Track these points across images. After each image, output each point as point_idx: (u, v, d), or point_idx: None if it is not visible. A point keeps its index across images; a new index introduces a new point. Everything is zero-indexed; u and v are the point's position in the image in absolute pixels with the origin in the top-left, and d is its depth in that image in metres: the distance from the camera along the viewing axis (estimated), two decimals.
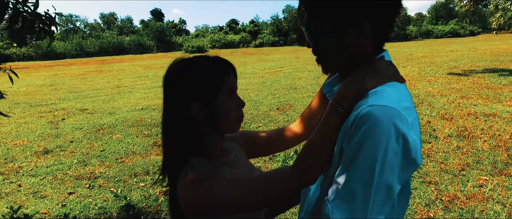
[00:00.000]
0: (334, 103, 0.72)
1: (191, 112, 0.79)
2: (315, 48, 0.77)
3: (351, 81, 0.71)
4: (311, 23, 0.75)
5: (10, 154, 4.88)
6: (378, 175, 0.63)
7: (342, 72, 0.82)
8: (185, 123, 0.80)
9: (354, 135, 0.65)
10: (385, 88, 0.68)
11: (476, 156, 3.76)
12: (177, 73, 0.82)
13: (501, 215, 2.52)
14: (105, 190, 3.53)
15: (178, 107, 0.80)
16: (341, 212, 0.66)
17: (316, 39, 0.77)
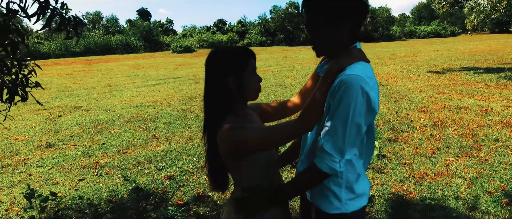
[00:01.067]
0: (324, 76, 1.09)
1: (228, 83, 1.15)
2: (313, 39, 1.15)
3: (335, 61, 1.09)
4: (311, 21, 1.12)
5: (14, 148, 5.09)
6: (351, 117, 1.01)
7: (330, 55, 1.19)
8: (224, 91, 1.15)
9: (336, 93, 1.02)
10: (356, 65, 1.06)
11: (446, 142, 4.24)
12: (218, 57, 1.18)
13: (461, 187, 2.97)
14: (112, 176, 3.83)
15: (219, 79, 1.15)
16: (329, 143, 1.03)
17: (313, 33, 1.13)
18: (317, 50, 1.16)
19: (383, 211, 2.68)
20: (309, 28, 1.14)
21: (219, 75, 1.15)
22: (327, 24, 1.08)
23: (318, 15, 1.09)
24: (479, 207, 2.62)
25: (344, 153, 1.04)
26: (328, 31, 1.09)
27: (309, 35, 1.15)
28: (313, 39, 1.14)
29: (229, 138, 1.10)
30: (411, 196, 2.88)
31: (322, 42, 1.13)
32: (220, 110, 1.17)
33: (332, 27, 1.08)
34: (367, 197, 1.21)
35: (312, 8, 1.10)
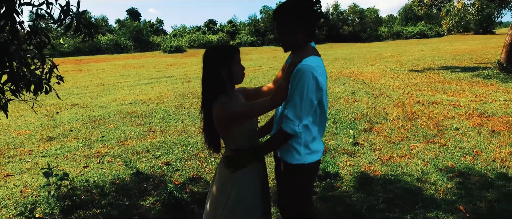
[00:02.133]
0: (288, 66, 1.53)
1: (220, 72, 1.58)
2: (281, 40, 1.59)
3: (295, 56, 1.54)
4: (279, 28, 1.57)
5: (17, 141, 5.41)
6: (306, 94, 1.45)
7: (293, 51, 1.64)
8: (217, 78, 1.59)
9: (295, 77, 1.47)
10: (309, 58, 1.51)
11: (414, 131, 4.75)
12: (212, 52, 1.61)
13: (418, 166, 3.47)
14: (114, 164, 4.22)
15: (213, 69, 1.58)
16: (291, 112, 1.48)
17: (281, 36, 1.58)
18: (284, 47, 1.61)
19: (351, 185, 3.15)
20: (278, 33, 1.59)
21: (213, 66, 1.58)
22: (289, 30, 1.53)
23: (283, 24, 1.54)
24: (429, 180, 3.12)
25: (301, 119, 1.48)
26: (290, 35, 1.55)
27: (278, 37, 1.60)
28: (281, 40, 1.59)
29: (221, 111, 1.54)
30: (376, 173, 3.37)
31: (287, 42, 1.58)
32: (214, 91, 1.60)
33: (292, 32, 1.53)
34: (321, 154, 1.66)
35: (279, 19, 1.55)
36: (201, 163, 4.05)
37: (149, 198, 3.18)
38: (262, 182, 1.76)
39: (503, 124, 4.80)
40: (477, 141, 4.18)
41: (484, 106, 6.10)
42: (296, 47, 1.58)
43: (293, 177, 1.64)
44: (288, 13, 1.53)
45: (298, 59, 1.51)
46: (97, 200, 3.19)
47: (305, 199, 1.70)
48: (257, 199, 1.71)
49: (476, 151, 3.85)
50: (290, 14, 1.53)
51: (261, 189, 1.73)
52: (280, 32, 1.57)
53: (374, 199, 2.84)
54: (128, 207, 3.04)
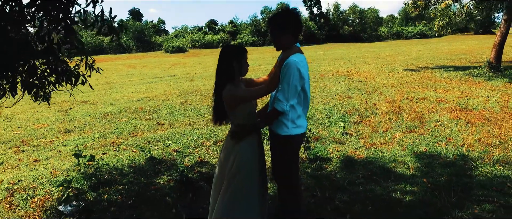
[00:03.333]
0: (279, 62, 2.04)
1: (232, 64, 2.08)
2: (273, 41, 2.09)
3: (284, 54, 2.04)
4: (271, 32, 2.07)
5: (38, 133, 5.93)
6: (291, 81, 1.95)
7: (283, 50, 2.14)
8: (229, 69, 2.09)
9: (283, 69, 1.97)
10: (295, 55, 2.01)
11: (398, 123, 5.25)
12: (229, 49, 2.11)
13: (397, 150, 3.98)
14: (129, 151, 4.73)
15: (228, 62, 2.08)
16: (281, 94, 1.98)
17: (273, 38, 2.08)
18: (276, 47, 2.12)
19: (337, 166, 3.66)
20: (271, 36, 2.09)
21: (228, 60, 2.08)
22: (279, 34, 2.04)
23: (275, 29, 2.04)
24: (403, 161, 3.63)
25: (288, 100, 1.98)
26: (280, 38, 2.05)
27: (271, 40, 2.10)
28: (273, 41, 2.10)
29: (229, 95, 2.05)
30: (360, 157, 3.87)
31: (277, 43, 2.09)
32: (225, 80, 2.10)
33: (282, 36, 2.04)
34: (304, 129, 2.16)
35: (272, 26, 2.06)
36: (207, 150, 4.56)
37: (163, 177, 3.69)
38: (259, 152, 2.26)
39: (479, 117, 5.29)
40: (452, 131, 4.68)
41: (467, 101, 6.59)
42: (285, 47, 2.08)
43: (283, 146, 2.14)
44: (278, 21, 2.03)
45: (286, 55, 2.02)
46: (118, 179, 3.70)
47: (292, 166, 2.21)
48: (255, 166, 2.21)
49: (449, 138, 4.35)
50: (279, 22, 2.04)
51: (258, 158, 2.24)
52: (272, 36, 2.08)
53: (355, 176, 3.35)
54: (145, 184, 3.55)
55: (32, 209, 3.07)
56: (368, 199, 2.85)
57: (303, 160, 3.89)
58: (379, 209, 2.69)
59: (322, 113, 6.21)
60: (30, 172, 4.07)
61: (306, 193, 3.06)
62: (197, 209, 2.93)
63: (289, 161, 2.19)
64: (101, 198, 3.22)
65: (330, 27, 50.07)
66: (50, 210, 3.02)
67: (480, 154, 3.74)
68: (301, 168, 3.67)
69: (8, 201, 3.23)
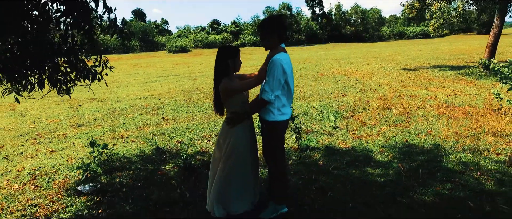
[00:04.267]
0: (266, 60, 2.44)
1: (228, 62, 2.48)
2: (262, 42, 2.50)
3: (271, 52, 2.44)
4: (261, 35, 2.47)
5: (51, 127, 6.37)
6: (276, 75, 2.35)
7: (270, 49, 2.55)
8: (225, 66, 2.49)
9: (269, 66, 2.37)
10: (279, 54, 2.41)
11: (386, 118, 5.64)
12: (224, 49, 2.51)
13: (381, 141, 4.36)
14: (137, 143, 5.14)
15: (224, 60, 2.48)
16: (267, 86, 2.38)
17: (262, 40, 2.48)
18: (264, 47, 2.52)
19: (325, 154, 4.06)
20: (260, 38, 2.50)
21: (224, 58, 2.49)
22: (267, 36, 2.44)
23: (263, 32, 2.45)
24: (384, 151, 4.02)
25: (273, 91, 2.38)
26: (268, 39, 2.45)
27: (261, 41, 2.51)
28: (262, 43, 2.50)
29: (225, 87, 2.45)
30: (346, 147, 4.27)
31: (266, 44, 2.49)
32: (221, 75, 2.51)
33: (269, 38, 2.44)
34: (288, 116, 2.56)
35: (261, 30, 2.47)
36: (208, 142, 4.97)
37: (169, 164, 4.11)
38: (250, 136, 2.66)
39: (461, 113, 5.66)
40: (434, 124, 5.06)
41: (455, 99, 6.96)
42: (271, 47, 2.48)
43: (270, 130, 2.54)
44: (265, 26, 2.44)
45: (272, 54, 2.42)
46: (128, 166, 4.12)
47: (278, 145, 2.61)
48: (247, 147, 2.62)
49: (429, 131, 4.73)
50: (266, 27, 2.44)
51: (250, 140, 2.64)
52: (261, 38, 2.49)
53: (340, 162, 3.74)
54: (153, 170, 3.96)
55: (54, 189, 3.50)
56: (348, 181, 3.24)
57: (295, 149, 4.29)
58: (356, 188, 3.09)
59: (317, 109, 6.60)
60: (48, 160, 4.50)
61: (295, 177, 3.46)
62: (198, 190, 3.34)
63: (276, 141, 2.59)
64: (114, 181, 3.64)
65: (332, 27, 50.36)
66: (70, 190, 3.44)
67: (453, 144, 4.12)
68: (292, 156, 4.07)
69: (33, 183, 3.66)
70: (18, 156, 4.74)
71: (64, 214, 2.95)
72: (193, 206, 2.98)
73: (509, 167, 3.30)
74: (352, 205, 2.79)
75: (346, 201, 2.86)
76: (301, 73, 13.33)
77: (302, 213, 2.75)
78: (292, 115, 4.30)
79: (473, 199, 2.76)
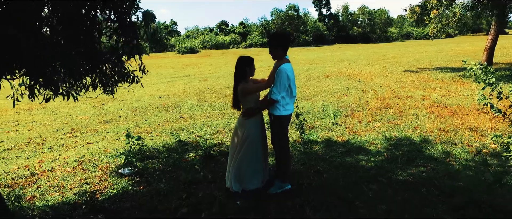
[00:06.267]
0: (273, 68, 3.15)
1: (245, 69, 3.20)
2: (271, 54, 3.20)
3: (277, 63, 3.15)
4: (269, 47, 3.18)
5: (82, 123, 7.17)
6: (281, 81, 3.05)
7: (276, 60, 3.25)
8: (244, 72, 3.20)
9: (277, 73, 3.08)
10: (284, 64, 3.11)
11: (382, 116, 6.29)
12: (243, 59, 3.23)
13: (373, 135, 5.04)
14: (161, 137, 5.90)
15: (242, 67, 3.20)
16: (275, 89, 3.09)
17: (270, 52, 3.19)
18: (272, 58, 3.23)
19: (323, 146, 4.75)
20: (269, 50, 3.21)
21: (243, 65, 3.20)
22: (274, 48, 3.15)
23: (271, 46, 3.16)
24: (374, 142, 4.70)
25: (280, 93, 3.09)
26: (274, 51, 3.16)
27: (269, 53, 3.21)
28: (271, 53, 3.21)
29: (242, 88, 3.17)
30: (343, 140, 4.95)
31: (273, 55, 3.20)
32: (240, 78, 3.22)
33: (275, 50, 3.15)
34: (291, 111, 3.26)
35: (269, 44, 3.18)
36: (223, 136, 5.70)
37: (191, 154, 4.84)
38: (261, 127, 3.37)
39: (449, 112, 6.29)
40: (422, 122, 5.70)
41: (447, 99, 7.57)
42: (278, 58, 3.19)
43: (276, 123, 3.25)
44: (272, 41, 3.15)
45: (279, 64, 3.13)
46: (157, 155, 4.86)
47: (284, 136, 3.31)
48: (258, 136, 3.33)
49: (416, 126, 5.39)
50: (273, 42, 3.15)
51: (260, 130, 3.35)
52: (269, 51, 3.20)
53: (335, 152, 4.43)
54: (177, 158, 4.70)
55: (99, 172, 4.26)
56: (341, 166, 3.94)
57: (298, 142, 4.99)
58: (347, 171, 3.78)
59: (320, 108, 7.28)
60: (87, 150, 5.28)
61: (297, 163, 4.16)
62: (218, 173, 4.06)
63: (282, 131, 3.30)
64: (147, 166, 4.39)
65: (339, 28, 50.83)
66: (112, 173, 4.20)
67: (434, 138, 4.78)
68: (295, 147, 4.77)
69: (81, 167, 4.43)
70: (61, 147, 5.53)
71: (113, 189, 3.70)
72: (214, 184, 3.71)
73: (475, 156, 3.94)
74: (342, 183, 3.49)
75: (338, 180, 3.56)
76: (307, 75, 13.98)
77: (302, 189, 3.45)
78: (296, 113, 5.02)
79: (438, 179, 3.43)
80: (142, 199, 3.42)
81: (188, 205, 3.22)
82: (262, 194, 3.36)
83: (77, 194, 3.59)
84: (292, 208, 3.08)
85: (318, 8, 53.20)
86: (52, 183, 3.94)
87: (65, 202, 3.42)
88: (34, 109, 8.76)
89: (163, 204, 3.28)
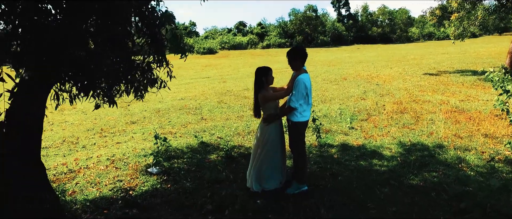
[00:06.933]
0: (292, 78, 3.40)
1: (263, 79, 3.47)
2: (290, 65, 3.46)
3: (296, 73, 3.40)
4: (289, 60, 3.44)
5: (110, 124, 7.64)
6: (300, 89, 3.30)
7: (295, 70, 3.51)
8: (261, 81, 3.47)
9: (295, 83, 3.33)
10: (302, 74, 3.36)
11: (398, 121, 6.41)
12: (260, 69, 3.50)
13: (388, 140, 5.18)
14: (184, 138, 6.25)
15: (259, 77, 3.47)
16: (293, 97, 3.34)
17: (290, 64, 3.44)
18: (291, 68, 3.48)
19: (339, 150, 4.95)
20: (288, 62, 3.46)
21: (260, 76, 3.47)
22: (292, 60, 3.40)
23: (290, 58, 3.42)
24: (389, 147, 4.86)
25: (298, 101, 3.34)
26: (293, 63, 3.41)
27: (288, 64, 3.47)
28: (290, 64, 3.46)
29: (262, 97, 3.44)
30: (358, 144, 5.14)
31: (292, 66, 3.45)
32: (259, 87, 3.49)
33: (294, 62, 3.40)
34: (308, 118, 3.50)
35: (288, 56, 3.43)
36: (242, 138, 5.99)
37: (213, 155, 5.16)
38: (280, 132, 3.63)
39: (466, 117, 6.33)
40: (438, 127, 5.79)
41: (466, 104, 7.57)
42: (296, 69, 3.44)
43: (294, 128, 3.50)
44: (291, 54, 3.40)
45: (297, 74, 3.38)
46: (181, 155, 5.21)
47: (301, 141, 3.56)
48: (278, 140, 3.59)
49: (432, 132, 5.49)
50: (292, 55, 3.41)
51: (280, 135, 3.61)
52: (289, 62, 3.45)
53: (350, 156, 4.63)
54: (201, 159, 5.02)
55: (130, 170, 4.64)
56: (356, 169, 4.14)
57: (315, 145, 5.21)
58: (361, 174, 3.98)
59: (336, 112, 7.45)
60: (117, 149, 5.69)
61: (314, 166, 4.39)
62: (239, 173, 4.35)
63: (299, 138, 3.55)
64: (173, 166, 4.73)
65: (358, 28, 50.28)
66: (142, 171, 4.57)
67: (448, 144, 4.89)
68: (312, 150, 5.00)
69: (113, 166, 4.83)
70: (93, 146, 5.98)
71: (144, 187, 4.05)
72: (236, 184, 3.99)
73: (487, 162, 4.04)
74: (356, 185, 3.69)
75: (352, 183, 3.77)
76: (325, 77, 14.09)
77: (318, 191, 3.69)
78: (313, 117, 5.24)
79: (449, 183, 3.58)
80: (171, 196, 3.75)
81: (212, 202, 3.52)
82: (280, 194, 3.62)
83: (112, 190, 3.97)
84: (308, 208, 3.32)
85: (337, 9, 52.81)
86: (89, 180, 4.34)
87: (102, 197, 3.79)
88: (66, 110, 9.35)
89: (190, 201, 3.60)
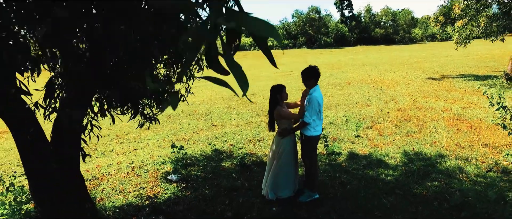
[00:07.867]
0: (304, 94, 3.70)
1: (278, 97, 3.77)
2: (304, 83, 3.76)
3: (307, 90, 3.70)
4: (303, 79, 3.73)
5: (124, 130, 7.96)
6: (313, 106, 3.60)
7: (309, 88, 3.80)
8: (276, 99, 3.77)
9: (309, 100, 3.63)
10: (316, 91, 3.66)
11: (402, 129, 6.68)
12: (274, 88, 3.80)
13: (392, 149, 5.47)
14: (198, 145, 6.56)
15: (274, 95, 3.77)
16: (307, 113, 3.64)
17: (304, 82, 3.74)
18: (306, 86, 3.78)
19: (347, 159, 5.24)
20: (302, 81, 3.76)
21: (274, 94, 3.77)
22: (306, 80, 3.70)
23: (304, 78, 3.71)
24: (393, 156, 5.14)
25: (311, 116, 3.63)
26: (307, 82, 3.71)
27: (303, 83, 3.76)
28: (304, 83, 3.75)
29: (277, 113, 3.74)
30: (364, 153, 5.42)
31: (306, 85, 3.75)
32: (274, 104, 3.79)
33: (308, 81, 3.70)
34: (320, 132, 3.79)
35: (302, 76, 3.73)
36: (253, 145, 6.29)
37: (227, 162, 5.46)
38: (294, 145, 3.93)
39: (467, 126, 6.59)
40: (440, 136, 6.06)
41: (468, 111, 7.83)
42: (310, 86, 3.74)
43: (307, 142, 3.79)
44: (305, 74, 3.70)
45: (311, 92, 3.67)
46: (196, 162, 5.51)
47: (313, 153, 3.85)
48: (292, 152, 3.88)
49: (434, 141, 5.77)
50: (306, 74, 3.70)
51: (294, 148, 3.91)
52: (303, 81, 3.75)
53: (358, 165, 4.92)
54: (215, 166, 5.33)
55: (150, 178, 4.95)
56: (363, 178, 4.43)
57: (323, 154, 5.51)
58: (368, 183, 4.27)
59: (342, 119, 7.74)
60: (134, 156, 6.00)
61: (323, 174, 4.68)
62: (253, 181, 4.65)
63: (311, 151, 3.85)
64: (190, 173, 5.04)
65: (361, 29, 50.46)
66: (162, 179, 4.88)
67: (450, 153, 5.16)
68: (321, 159, 5.29)
69: (134, 173, 5.14)
70: (111, 153, 6.30)
71: (166, 194, 4.36)
72: (251, 191, 4.29)
73: (486, 172, 4.32)
74: (364, 194, 3.98)
75: (360, 191, 4.06)
76: (329, 81, 14.36)
77: (328, 199, 3.98)
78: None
79: (450, 193, 3.86)
80: (192, 203, 4.05)
81: (231, 209, 3.82)
82: (294, 202, 3.92)
83: (137, 197, 4.28)
84: (321, 215, 3.61)
85: (340, 10, 53.00)
86: (113, 187, 4.66)
87: (128, 204, 4.11)
88: None
89: (210, 208, 3.90)
